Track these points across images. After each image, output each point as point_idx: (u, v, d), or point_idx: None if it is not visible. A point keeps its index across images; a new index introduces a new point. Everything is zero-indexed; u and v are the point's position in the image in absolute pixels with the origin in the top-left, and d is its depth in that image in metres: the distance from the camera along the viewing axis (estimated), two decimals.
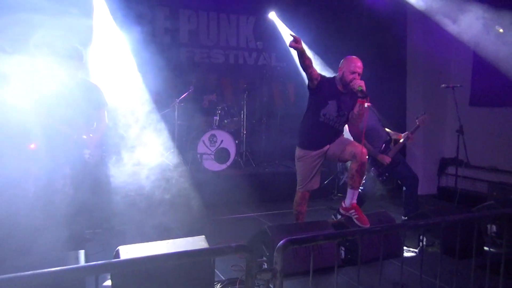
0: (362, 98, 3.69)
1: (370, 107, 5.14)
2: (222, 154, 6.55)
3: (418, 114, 5.14)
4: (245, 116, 7.19)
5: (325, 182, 6.50)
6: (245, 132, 7.20)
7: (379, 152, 4.97)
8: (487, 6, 5.50)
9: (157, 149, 5.44)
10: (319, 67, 7.15)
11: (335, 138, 3.94)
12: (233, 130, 6.94)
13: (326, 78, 3.86)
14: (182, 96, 6.58)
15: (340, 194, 6.56)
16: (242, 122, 7.19)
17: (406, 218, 4.91)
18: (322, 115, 3.84)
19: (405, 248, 4.12)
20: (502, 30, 5.28)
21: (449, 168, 7.32)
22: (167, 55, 6.84)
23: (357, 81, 3.66)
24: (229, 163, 6.60)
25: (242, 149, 7.17)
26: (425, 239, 3.84)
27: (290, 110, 7.35)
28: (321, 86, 3.78)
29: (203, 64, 7.68)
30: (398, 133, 5.17)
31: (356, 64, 3.76)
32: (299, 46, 3.43)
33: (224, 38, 7.90)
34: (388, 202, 6.23)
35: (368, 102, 5.01)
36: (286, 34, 7.63)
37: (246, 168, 6.92)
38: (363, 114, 3.78)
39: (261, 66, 8.06)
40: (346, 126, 4.40)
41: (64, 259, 2.66)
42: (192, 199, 5.11)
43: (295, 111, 5.50)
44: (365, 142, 4.06)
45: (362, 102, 3.73)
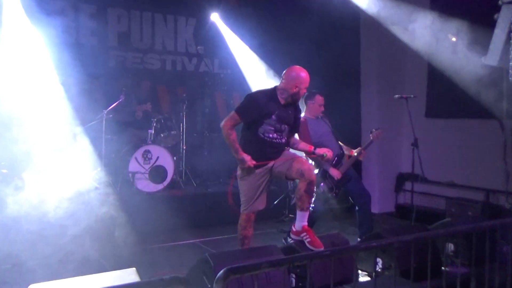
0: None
1: (322, 118, 5.30)
2: (157, 173, 6.45)
3: (372, 129, 5.34)
4: (184, 129, 7.14)
5: (274, 203, 6.55)
6: (184, 147, 7.14)
7: (330, 165, 5.09)
8: (438, 14, 5.88)
9: (79, 168, 5.25)
10: (265, 73, 7.28)
11: (279, 153, 4.02)
12: (170, 145, 6.87)
13: (257, 99, 3.94)
14: (111, 106, 6.41)
15: (291, 215, 6.62)
16: (181, 136, 7.13)
17: (360, 239, 5.05)
18: (260, 133, 3.95)
19: (360, 272, 4.23)
20: (455, 39, 5.63)
21: (406, 184, 7.58)
22: (93, 60, 6.70)
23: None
24: (166, 183, 6.51)
25: (182, 166, 7.10)
26: (381, 262, 3.96)
27: None
28: (250, 115, 3.92)
29: (136, 70, 7.59)
30: (350, 149, 5.35)
31: (300, 76, 3.90)
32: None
33: (160, 41, 7.84)
34: (345, 223, 6.35)
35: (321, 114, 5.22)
36: (230, 37, 7.71)
37: (186, 188, 6.86)
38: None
39: (202, 73, 8.06)
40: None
41: None
42: (122, 226, 4.99)
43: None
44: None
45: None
